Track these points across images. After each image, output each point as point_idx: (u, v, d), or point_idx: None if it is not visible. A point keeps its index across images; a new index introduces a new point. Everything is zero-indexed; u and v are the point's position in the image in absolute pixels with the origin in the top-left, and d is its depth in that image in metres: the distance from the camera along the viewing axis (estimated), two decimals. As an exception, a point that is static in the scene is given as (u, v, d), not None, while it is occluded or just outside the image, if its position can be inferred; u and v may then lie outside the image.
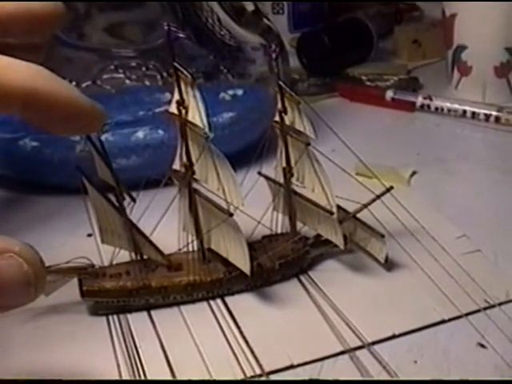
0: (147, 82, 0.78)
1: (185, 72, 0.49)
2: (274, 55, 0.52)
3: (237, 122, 0.73)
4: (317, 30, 1.02)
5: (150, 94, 0.77)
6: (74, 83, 0.74)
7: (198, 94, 0.49)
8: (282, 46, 0.82)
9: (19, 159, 0.70)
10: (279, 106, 0.52)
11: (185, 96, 0.50)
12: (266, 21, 0.82)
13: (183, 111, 0.50)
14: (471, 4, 0.87)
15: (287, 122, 0.53)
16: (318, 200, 0.54)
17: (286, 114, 0.52)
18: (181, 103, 0.50)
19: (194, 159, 0.51)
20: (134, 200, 0.50)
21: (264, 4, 1.02)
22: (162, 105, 0.75)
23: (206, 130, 0.49)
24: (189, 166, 0.52)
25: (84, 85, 0.74)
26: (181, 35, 0.47)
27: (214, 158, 0.50)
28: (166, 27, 0.46)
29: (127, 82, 0.78)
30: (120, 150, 0.68)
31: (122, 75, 0.78)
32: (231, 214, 0.50)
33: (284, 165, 0.55)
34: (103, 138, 0.67)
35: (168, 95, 0.76)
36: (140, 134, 0.69)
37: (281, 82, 0.51)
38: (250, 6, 0.83)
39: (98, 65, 0.76)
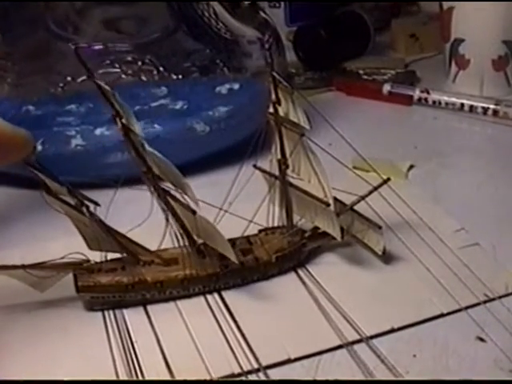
0: (143, 77, 0.78)
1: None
2: (267, 46, 0.51)
3: (233, 115, 0.72)
4: (313, 23, 1.02)
5: (145, 88, 0.77)
6: (69, 78, 0.74)
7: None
8: (279, 40, 0.82)
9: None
10: (273, 97, 0.52)
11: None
12: (262, 14, 0.82)
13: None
14: (469, -3, 0.87)
15: (281, 114, 0.52)
16: (315, 192, 0.54)
17: (279, 105, 0.52)
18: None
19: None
20: (96, 203, 0.50)
21: (260, -3, 1.01)
22: (158, 99, 0.75)
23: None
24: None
25: (79, 80, 0.74)
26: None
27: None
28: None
29: (123, 76, 0.77)
30: (115, 144, 0.67)
31: (117, 70, 0.77)
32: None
33: (279, 157, 0.54)
34: (98, 131, 0.68)
35: (164, 89, 0.77)
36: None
37: (274, 73, 0.51)
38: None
39: (94, 60, 0.75)
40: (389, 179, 0.55)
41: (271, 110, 0.53)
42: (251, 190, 0.54)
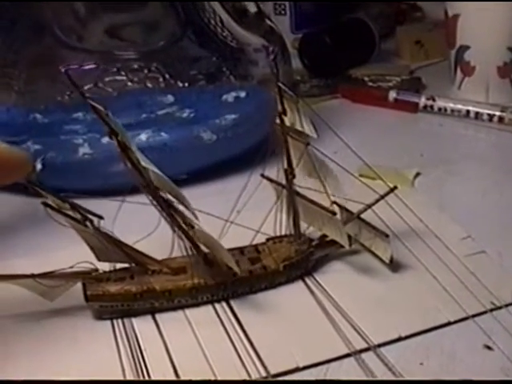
0: (149, 85, 0.78)
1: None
2: (272, 56, 0.51)
3: (240, 124, 0.72)
4: (319, 30, 1.02)
5: (152, 96, 0.77)
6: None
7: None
8: (284, 47, 0.82)
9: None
10: (279, 107, 0.52)
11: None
12: (268, 22, 0.82)
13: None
14: (474, 4, 0.87)
15: (287, 123, 0.53)
16: (323, 200, 0.54)
17: (285, 115, 0.52)
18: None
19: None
20: (100, 217, 0.50)
21: (266, 5, 1.01)
22: (165, 107, 0.75)
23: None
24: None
25: (86, 87, 0.74)
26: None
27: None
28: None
29: (129, 84, 0.78)
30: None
31: (124, 77, 0.78)
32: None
33: (286, 166, 0.54)
34: (105, 140, 0.67)
35: (170, 97, 0.77)
36: (143, 137, 0.69)
37: (279, 83, 0.51)
38: (252, 7, 0.83)
39: (99, 67, 0.76)
40: (396, 187, 0.55)
41: (277, 120, 0.53)
42: (259, 198, 0.55)
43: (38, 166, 0.66)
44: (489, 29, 0.88)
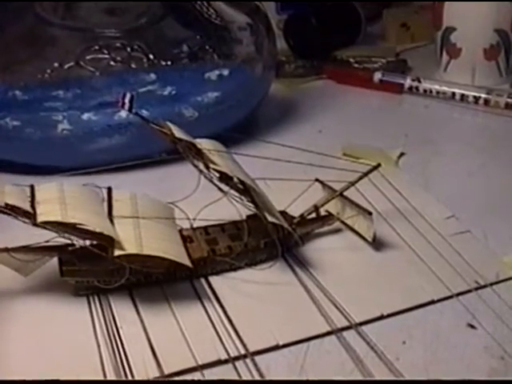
0: (133, 65, 0.77)
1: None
2: (126, 106, 0.50)
3: (222, 101, 0.72)
4: (305, 12, 1.01)
5: (135, 74, 0.76)
6: (56, 64, 0.73)
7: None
8: (269, 26, 0.81)
9: (0, 138, 0.68)
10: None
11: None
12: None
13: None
14: (461, -15, 0.86)
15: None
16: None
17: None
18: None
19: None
20: None
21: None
22: (147, 85, 0.74)
23: None
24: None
25: (67, 66, 0.73)
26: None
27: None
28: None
29: (112, 63, 0.76)
30: (103, 129, 0.67)
31: (106, 56, 0.76)
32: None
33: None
34: (86, 116, 0.67)
35: (152, 75, 0.76)
36: (123, 113, 0.68)
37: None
38: (237, -14, 0.81)
39: (81, 45, 0.74)
40: (379, 165, 0.55)
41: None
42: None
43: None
44: (475, 11, 0.87)
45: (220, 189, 0.51)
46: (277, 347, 0.46)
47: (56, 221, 0.46)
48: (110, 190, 0.51)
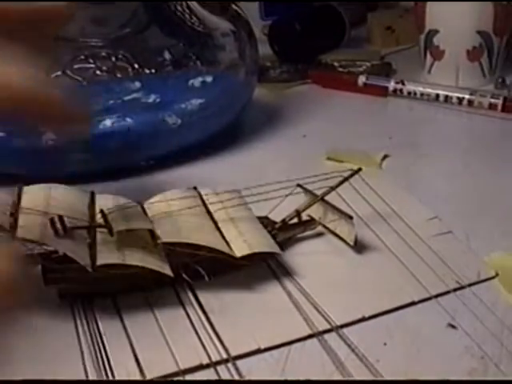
0: (118, 74, 0.77)
1: None
2: None
3: (206, 108, 0.72)
4: (289, 17, 1.02)
5: (120, 83, 0.76)
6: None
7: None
8: (251, 32, 0.81)
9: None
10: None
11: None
12: (234, 6, 0.81)
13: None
14: (443, -13, 0.87)
15: None
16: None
17: None
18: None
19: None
20: None
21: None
22: (131, 93, 0.74)
23: None
24: None
25: (54, 75, 0.73)
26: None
27: None
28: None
29: (98, 72, 0.77)
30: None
31: (92, 65, 0.77)
32: None
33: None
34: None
35: (137, 83, 0.76)
36: (107, 122, 0.68)
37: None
38: (219, -8, 0.82)
39: (68, 54, 0.75)
40: (360, 169, 0.55)
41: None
42: (227, 183, 0.54)
43: None
44: (458, 13, 0.88)
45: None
46: (258, 351, 0.46)
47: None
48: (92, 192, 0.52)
